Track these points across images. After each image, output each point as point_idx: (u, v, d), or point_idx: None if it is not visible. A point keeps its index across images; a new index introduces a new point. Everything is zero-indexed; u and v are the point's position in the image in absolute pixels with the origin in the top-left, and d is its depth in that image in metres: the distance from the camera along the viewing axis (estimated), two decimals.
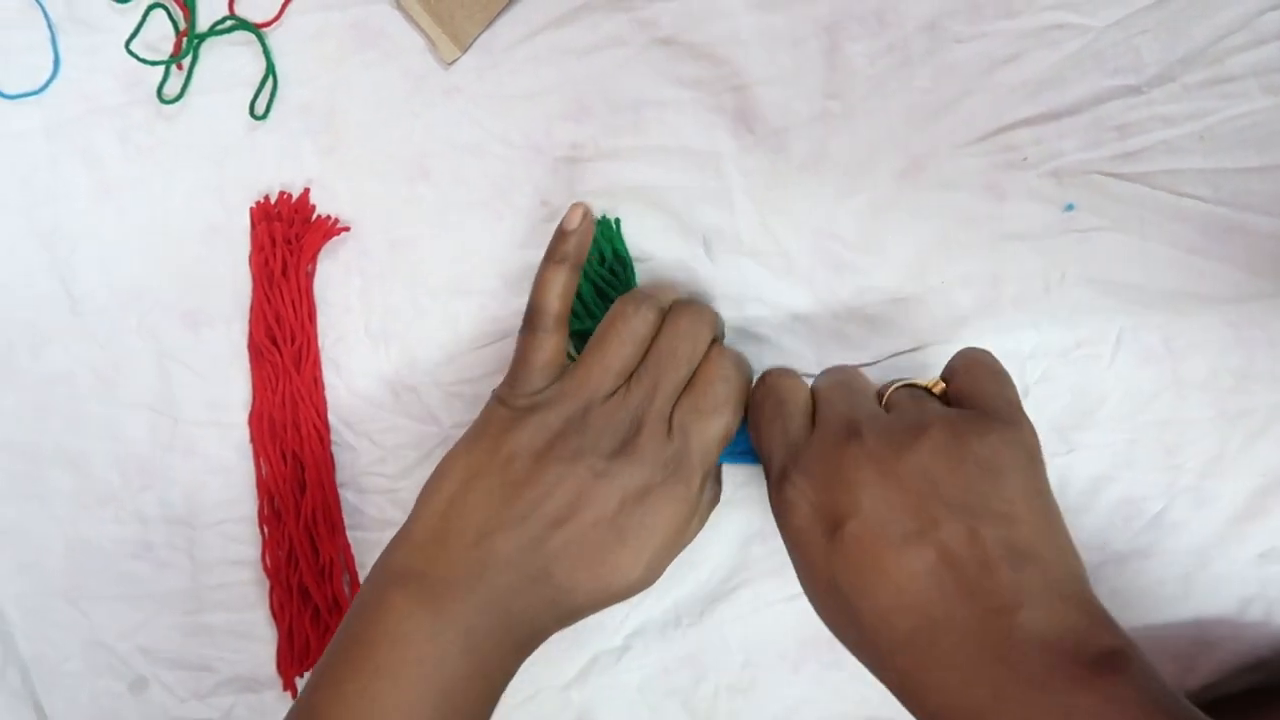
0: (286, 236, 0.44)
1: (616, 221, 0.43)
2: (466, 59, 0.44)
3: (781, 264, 0.44)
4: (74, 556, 0.47)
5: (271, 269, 0.45)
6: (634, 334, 0.38)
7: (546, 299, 0.39)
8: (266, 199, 0.45)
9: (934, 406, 0.35)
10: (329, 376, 0.46)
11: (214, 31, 0.45)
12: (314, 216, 0.45)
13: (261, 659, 0.47)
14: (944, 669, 0.31)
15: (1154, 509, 0.43)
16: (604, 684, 0.46)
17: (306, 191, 0.45)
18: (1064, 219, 0.42)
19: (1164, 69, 0.41)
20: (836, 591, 0.33)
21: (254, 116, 0.45)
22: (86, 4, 0.45)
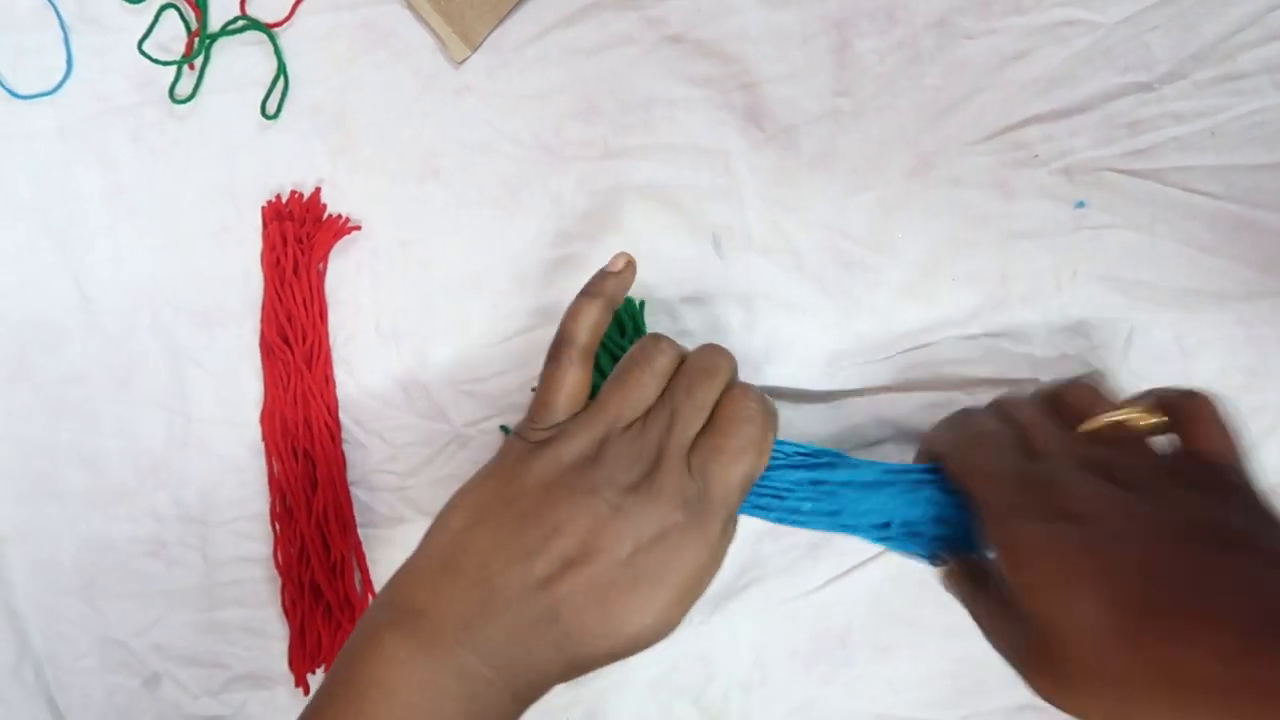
0: (298, 235, 0.45)
1: (641, 303, 0.43)
2: (476, 58, 0.44)
3: (791, 261, 0.44)
4: (88, 554, 0.47)
5: (283, 268, 0.45)
6: (654, 369, 0.37)
7: (576, 329, 0.38)
8: (278, 198, 0.45)
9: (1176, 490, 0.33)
10: (340, 375, 0.46)
11: (225, 32, 0.45)
12: (325, 215, 0.45)
13: (274, 655, 0.47)
14: None
15: None
16: (614, 681, 0.46)
17: (318, 191, 0.45)
18: (1074, 216, 0.42)
19: (1175, 66, 0.41)
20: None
21: (265, 116, 0.45)
22: (99, 5, 0.46)
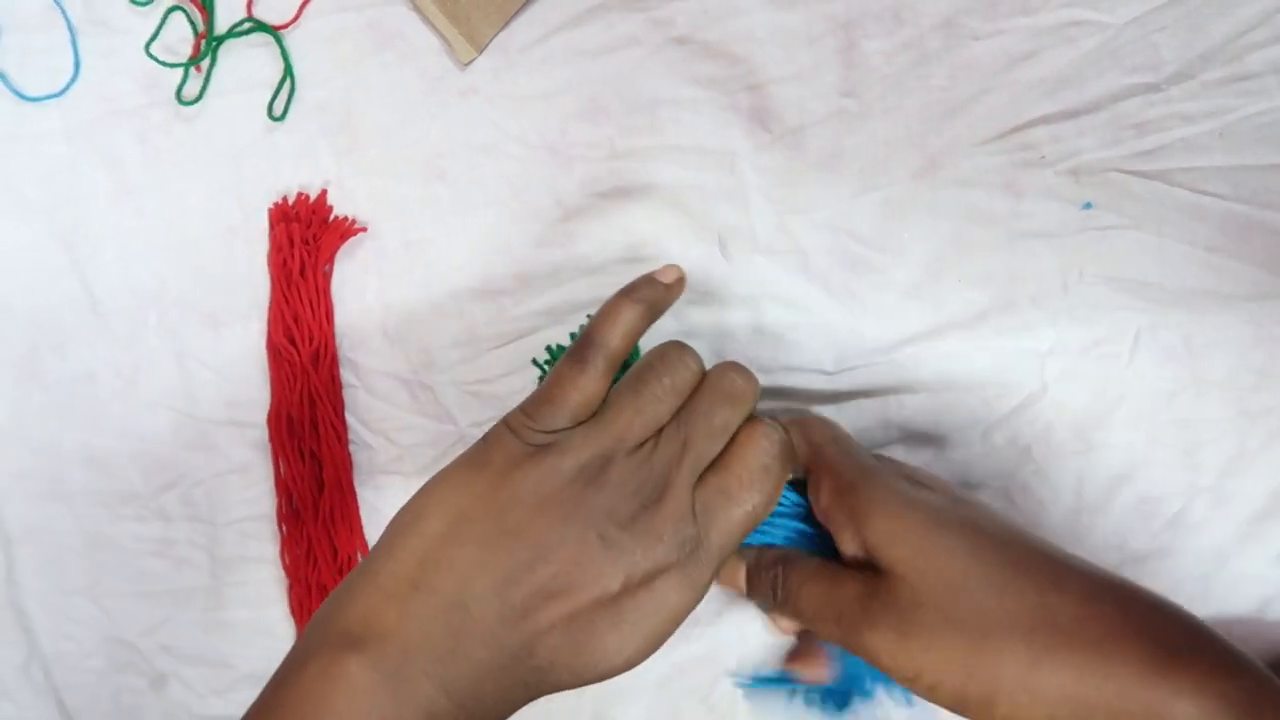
0: (304, 237, 0.45)
1: None
2: (482, 60, 0.44)
3: (797, 262, 0.43)
4: (95, 554, 0.47)
5: (290, 269, 0.45)
6: (675, 384, 0.34)
7: (609, 332, 0.34)
8: (284, 200, 0.45)
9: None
10: (346, 376, 0.46)
11: (232, 34, 0.45)
12: (331, 217, 0.45)
13: (280, 655, 0.47)
14: None
15: (1173, 508, 0.43)
16: (621, 682, 0.46)
17: (324, 192, 0.45)
18: (1082, 217, 0.42)
19: (1183, 66, 0.41)
20: None
21: (272, 118, 0.45)
22: (106, 7, 0.46)
